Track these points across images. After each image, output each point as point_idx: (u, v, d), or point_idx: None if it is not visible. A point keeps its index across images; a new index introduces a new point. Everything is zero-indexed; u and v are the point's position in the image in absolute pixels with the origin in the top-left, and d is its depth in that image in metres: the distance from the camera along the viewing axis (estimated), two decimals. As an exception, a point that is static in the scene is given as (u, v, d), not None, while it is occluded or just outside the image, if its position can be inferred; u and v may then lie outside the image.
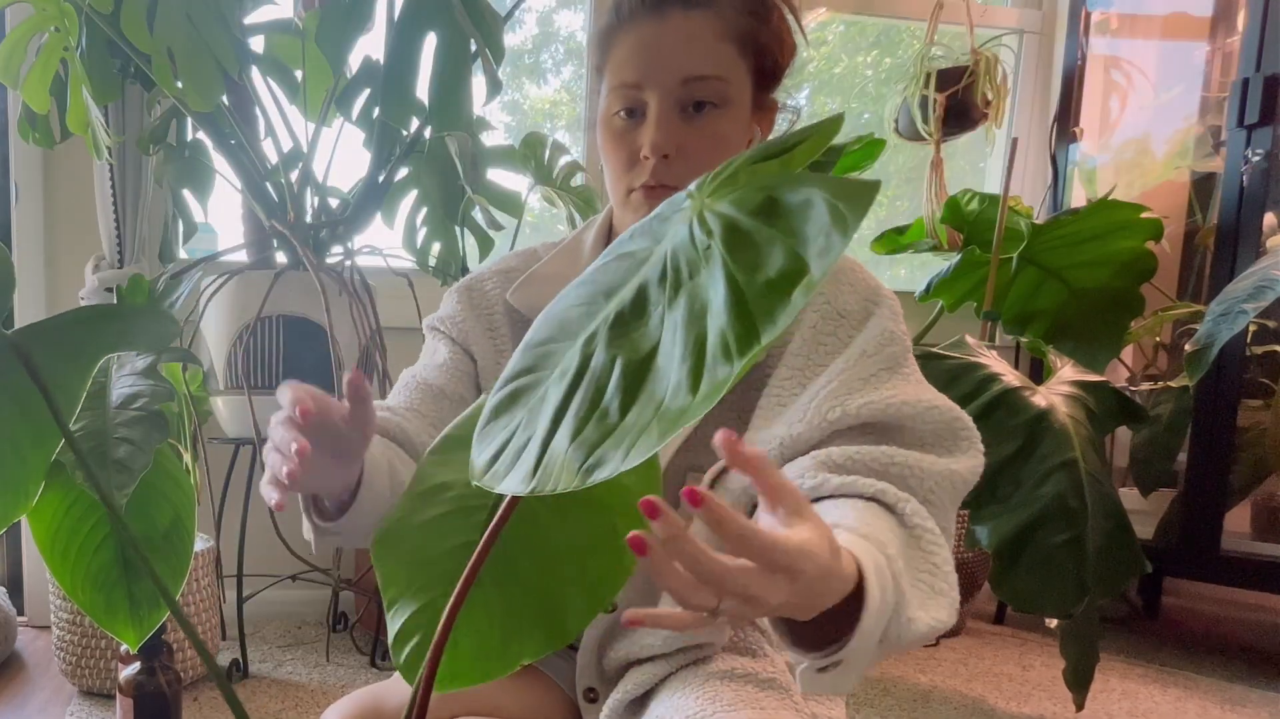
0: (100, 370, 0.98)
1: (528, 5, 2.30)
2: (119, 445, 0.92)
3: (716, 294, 0.27)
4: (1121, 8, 2.25)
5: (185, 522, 0.94)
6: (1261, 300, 1.42)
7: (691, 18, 0.73)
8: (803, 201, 0.26)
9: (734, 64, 0.74)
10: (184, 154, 1.68)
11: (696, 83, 0.72)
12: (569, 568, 0.42)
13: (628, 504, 0.41)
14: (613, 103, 0.76)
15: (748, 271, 0.26)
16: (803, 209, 0.26)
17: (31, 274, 1.83)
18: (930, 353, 1.47)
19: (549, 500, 0.40)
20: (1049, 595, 1.33)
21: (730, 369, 0.25)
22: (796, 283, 0.24)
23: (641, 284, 0.33)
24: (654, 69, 0.73)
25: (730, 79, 0.73)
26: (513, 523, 0.41)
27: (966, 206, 2.02)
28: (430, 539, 0.44)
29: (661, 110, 0.73)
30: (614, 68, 0.76)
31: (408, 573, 0.44)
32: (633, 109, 0.75)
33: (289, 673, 1.59)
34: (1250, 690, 1.65)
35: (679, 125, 0.73)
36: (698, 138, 0.73)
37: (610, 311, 0.33)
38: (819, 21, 2.38)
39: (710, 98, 0.73)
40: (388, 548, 0.45)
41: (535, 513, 0.41)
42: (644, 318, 0.31)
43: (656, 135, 0.73)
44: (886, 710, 1.49)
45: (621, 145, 0.76)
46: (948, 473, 0.65)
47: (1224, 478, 1.75)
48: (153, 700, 0.99)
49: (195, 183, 1.71)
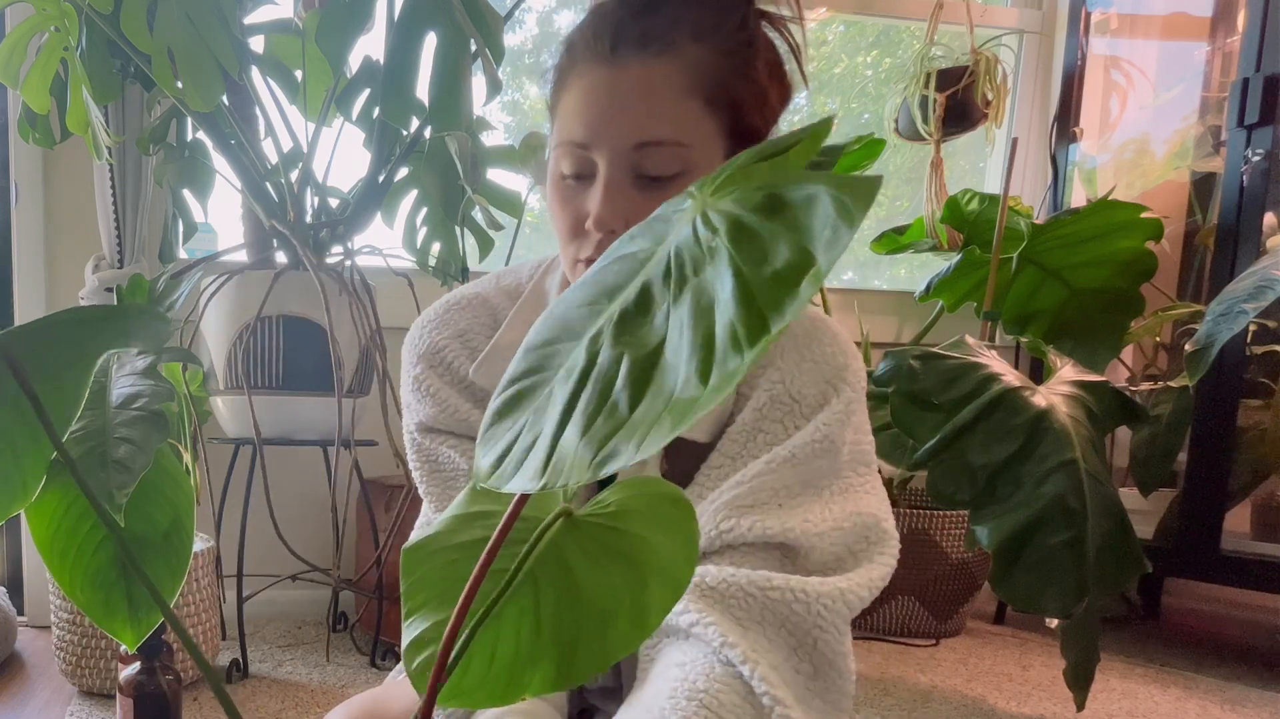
0: (100, 370, 0.98)
1: (528, 5, 2.30)
2: (119, 445, 0.92)
3: (724, 289, 0.27)
4: (1121, 8, 2.25)
5: (185, 522, 0.94)
6: (1261, 300, 1.41)
7: (651, 67, 0.61)
8: (807, 197, 0.26)
9: (699, 124, 0.62)
10: (184, 154, 1.68)
11: (652, 148, 0.61)
12: (591, 617, 0.42)
13: (663, 568, 0.40)
14: (559, 160, 0.66)
15: (754, 265, 0.26)
16: (807, 203, 0.26)
17: (31, 274, 1.83)
18: (930, 353, 1.47)
19: (588, 548, 0.40)
20: (1049, 595, 1.33)
21: (741, 360, 0.25)
22: (804, 274, 0.24)
23: (645, 282, 0.33)
24: (604, 129, 0.62)
25: (693, 143, 0.62)
26: (547, 561, 0.41)
27: (966, 206, 2.03)
28: (466, 560, 0.44)
29: (610, 178, 0.62)
30: (562, 119, 0.65)
31: (438, 586, 0.44)
32: (580, 173, 0.64)
33: (289, 673, 1.59)
34: (1250, 690, 1.65)
35: (630, 196, 0.62)
36: (652, 211, 0.65)
37: (615, 310, 0.33)
38: (819, 21, 2.38)
39: (667, 169, 0.62)
40: (421, 558, 0.45)
41: (569, 556, 0.41)
42: (649, 315, 0.31)
43: (602, 209, 0.62)
44: (886, 710, 1.49)
45: (567, 210, 0.66)
46: (836, 593, 0.60)
47: (1224, 478, 1.75)
48: (153, 700, 0.99)
49: (195, 183, 1.71)
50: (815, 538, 0.61)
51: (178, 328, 1.56)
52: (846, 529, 0.62)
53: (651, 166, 0.62)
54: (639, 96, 0.61)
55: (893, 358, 1.47)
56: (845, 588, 0.60)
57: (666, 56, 0.61)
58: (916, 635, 1.92)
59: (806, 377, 0.65)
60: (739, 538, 0.61)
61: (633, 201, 0.63)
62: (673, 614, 0.58)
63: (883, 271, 2.65)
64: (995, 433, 1.38)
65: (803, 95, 2.88)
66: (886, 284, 2.63)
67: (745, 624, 0.58)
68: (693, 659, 0.57)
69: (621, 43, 0.61)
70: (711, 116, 0.62)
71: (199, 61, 1.32)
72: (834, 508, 0.63)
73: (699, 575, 0.59)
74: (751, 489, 0.62)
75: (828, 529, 0.62)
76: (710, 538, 0.61)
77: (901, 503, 2.00)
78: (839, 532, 0.62)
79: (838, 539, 0.62)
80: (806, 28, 0.69)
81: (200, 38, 1.30)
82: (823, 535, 0.61)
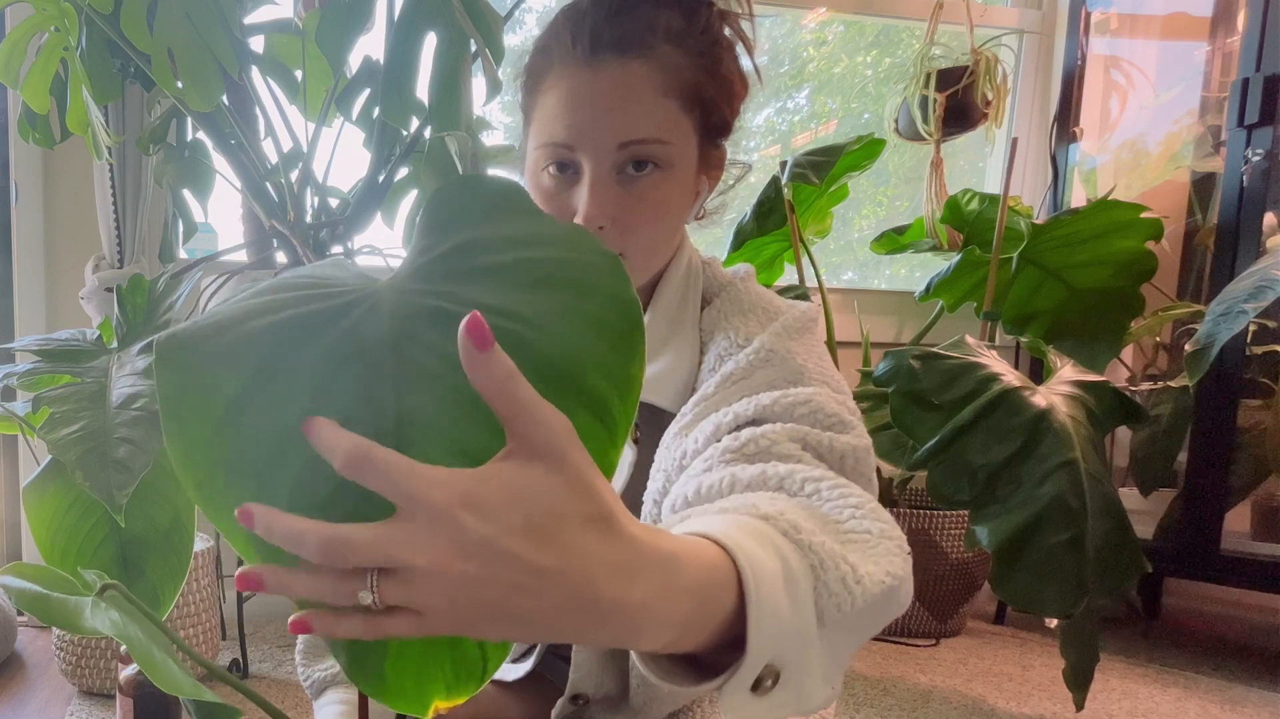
0: (100, 370, 0.98)
1: (528, 5, 2.30)
2: (119, 445, 0.92)
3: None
4: (1121, 8, 2.25)
5: (185, 522, 0.94)
6: (1261, 300, 1.41)
7: (630, 69, 0.63)
8: None
9: (677, 122, 0.65)
10: (184, 154, 1.68)
11: (635, 146, 0.64)
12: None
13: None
14: (541, 159, 0.68)
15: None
16: None
17: (31, 274, 1.83)
18: (930, 353, 1.47)
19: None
20: (1049, 595, 1.33)
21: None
22: None
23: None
24: (587, 130, 0.64)
25: (673, 140, 0.65)
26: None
27: (966, 206, 2.03)
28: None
29: (596, 177, 0.65)
30: (542, 121, 0.68)
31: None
32: (564, 164, 0.67)
33: (289, 673, 1.59)
34: (1250, 690, 1.65)
35: (615, 193, 0.65)
36: (636, 206, 0.65)
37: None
38: (819, 21, 2.38)
39: (648, 165, 0.65)
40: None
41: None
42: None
43: (590, 207, 0.64)
44: (886, 710, 1.49)
45: (552, 208, 0.68)
46: (855, 446, 0.59)
47: (1224, 478, 1.75)
48: (153, 700, 0.99)
49: (195, 183, 1.70)
50: (803, 408, 0.60)
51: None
52: (816, 401, 0.60)
53: (634, 164, 0.65)
54: (620, 97, 0.63)
55: (893, 358, 1.47)
56: (858, 444, 0.59)
57: (643, 58, 0.63)
58: (916, 635, 1.92)
59: (751, 325, 0.68)
60: (695, 452, 0.61)
61: (617, 198, 0.65)
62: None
63: (882, 271, 2.64)
64: (995, 433, 1.38)
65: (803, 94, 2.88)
66: (886, 284, 2.63)
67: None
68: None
69: (600, 45, 0.64)
70: (686, 114, 0.65)
71: (199, 61, 1.31)
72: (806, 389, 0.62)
73: (730, 439, 0.58)
74: (701, 412, 0.63)
75: (805, 399, 0.60)
76: (675, 469, 0.61)
77: (901, 503, 2.00)
78: (816, 400, 0.61)
79: (818, 407, 0.60)
80: (756, 23, 0.71)
81: (200, 38, 1.30)
82: (804, 405, 0.60)
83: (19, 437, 1.61)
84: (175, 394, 0.38)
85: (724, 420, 0.61)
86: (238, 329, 0.39)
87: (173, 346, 0.38)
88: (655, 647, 0.35)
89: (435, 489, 0.31)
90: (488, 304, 0.38)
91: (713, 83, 0.66)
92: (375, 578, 0.31)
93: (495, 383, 0.32)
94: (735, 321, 0.69)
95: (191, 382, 0.38)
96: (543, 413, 0.32)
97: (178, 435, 0.38)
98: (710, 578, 0.37)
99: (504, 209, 0.43)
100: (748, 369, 0.64)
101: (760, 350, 0.65)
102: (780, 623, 0.38)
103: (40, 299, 1.84)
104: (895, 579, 0.45)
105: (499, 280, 0.40)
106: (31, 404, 0.85)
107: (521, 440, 0.32)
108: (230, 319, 0.40)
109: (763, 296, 0.72)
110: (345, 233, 1.66)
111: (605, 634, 0.34)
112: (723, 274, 0.75)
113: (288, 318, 0.40)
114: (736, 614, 0.38)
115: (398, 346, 0.39)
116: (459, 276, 0.41)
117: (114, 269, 1.73)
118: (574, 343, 0.38)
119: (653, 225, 0.67)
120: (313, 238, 1.63)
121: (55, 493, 0.88)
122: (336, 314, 0.40)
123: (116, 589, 0.63)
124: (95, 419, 0.95)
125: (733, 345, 0.67)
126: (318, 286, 0.42)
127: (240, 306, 0.41)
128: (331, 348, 0.39)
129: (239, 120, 1.57)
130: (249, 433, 0.38)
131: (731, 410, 0.61)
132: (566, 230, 0.42)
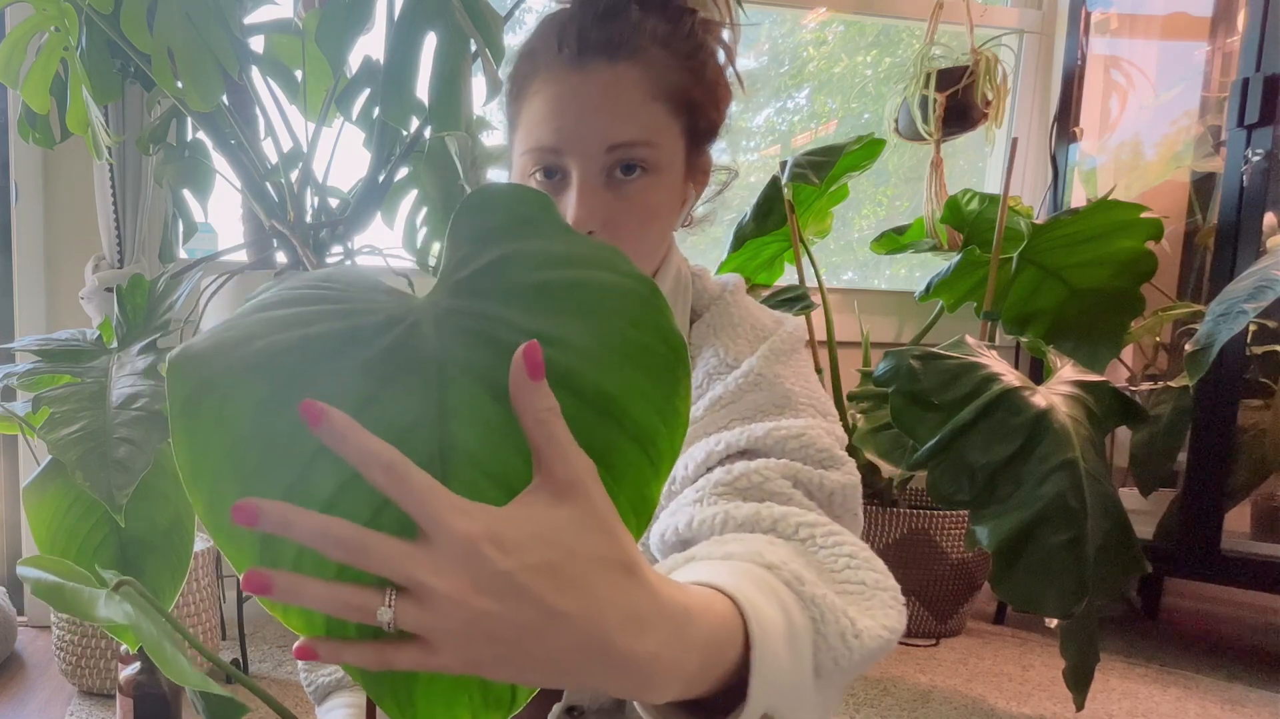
0: (100, 370, 0.98)
1: (528, 5, 2.30)
2: (119, 445, 0.92)
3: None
4: (1121, 8, 2.25)
5: (185, 522, 0.94)
6: (1261, 300, 1.41)
7: (617, 72, 0.63)
8: None
9: (665, 126, 0.65)
10: (184, 154, 1.68)
11: (623, 148, 0.63)
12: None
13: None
14: (528, 164, 0.68)
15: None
16: None
17: (31, 274, 1.83)
18: (930, 353, 1.47)
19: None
20: (1049, 595, 1.33)
21: None
22: None
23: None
24: (575, 134, 0.64)
25: (661, 143, 0.64)
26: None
27: (966, 206, 2.02)
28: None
29: (584, 181, 0.64)
30: (529, 126, 0.67)
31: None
32: (551, 170, 0.67)
33: (289, 673, 1.59)
34: (1250, 690, 1.65)
35: (604, 197, 0.65)
36: (626, 210, 0.65)
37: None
38: (819, 21, 2.38)
39: (636, 168, 0.64)
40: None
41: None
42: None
43: (579, 211, 0.64)
44: (886, 710, 1.49)
45: None
46: (843, 484, 0.60)
47: (1224, 478, 1.75)
48: (153, 700, 0.99)
49: (195, 183, 1.70)
50: (794, 442, 0.60)
51: (178, 328, 1.56)
52: (807, 435, 0.61)
53: (622, 167, 0.64)
54: (608, 101, 0.63)
55: (893, 358, 1.47)
56: (845, 482, 0.60)
57: (631, 62, 0.63)
58: (916, 635, 1.92)
59: (740, 344, 0.68)
60: (685, 479, 0.61)
61: (606, 202, 0.65)
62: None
63: (882, 271, 2.65)
64: (995, 433, 1.38)
65: (803, 94, 2.87)
66: (886, 284, 2.63)
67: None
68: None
69: (587, 49, 0.63)
70: (673, 117, 0.65)
71: (199, 61, 1.31)
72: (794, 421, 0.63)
73: (721, 473, 0.58)
74: (689, 435, 0.61)
75: (795, 434, 0.61)
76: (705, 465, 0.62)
77: (901, 503, 2.00)
78: (805, 435, 0.61)
79: (807, 443, 0.61)
80: (738, 30, 0.72)
81: (200, 38, 1.30)
82: (793, 439, 0.60)
83: (19, 436, 1.61)
84: (188, 405, 0.37)
85: (715, 449, 0.61)
86: (264, 341, 0.38)
87: (188, 357, 0.37)
88: (662, 699, 0.36)
89: (461, 518, 0.31)
90: (531, 329, 0.38)
91: (699, 86, 0.66)
92: (393, 595, 0.32)
93: (537, 414, 0.33)
94: (725, 338, 0.69)
95: (208, 392, 0.37)
96: (572, 450, 0.33)
97: (187, 448, 0.37)
98: (720, 634, 0.38)
99: (534, 222, 0.42)
100: (736, 394, 0.64)
101: (749, 374, 0.65)
102: (780, 675, 0.39)
103: (40, 299, 1.84)
104: (891, 633, 0.47)
105: (540, 302, 0.39)
106: (31, 404, 0.85)
107: (547, 475, 0.33)
108: (251, 331, 0.38)
109: (752, 312, 0.72)
110: (345, 233, 1.66)
111: (614, 683, 0.34)
112: (712, 287, 0.75)
113: (320, 332, 0.38)
114: (739, 663, 0.39)
115: (443, 370, 0.38)
116: (499, 297, 0.39)
117: (114, 269, 1.73)
118: (619, 373, 0.38)
119: (642, 230, 0.66)
120: (313, 238, 1.63)
121: (55, 493, 0.88)
122: (374, 331, 0.39)
123: (131, 584, 0.64)
124: (95, 419, 0.95)
125: (722, 364, 0.67)
126: (346, 300, 0.40)
127: (262, 318, 0.39)
128: (370, 366, 0.37)
129: (239, 120, 1.57)
130: (272, 450, 0.36)
131: (723, 439, 0.61)
132: (600, 250, 0.41)
